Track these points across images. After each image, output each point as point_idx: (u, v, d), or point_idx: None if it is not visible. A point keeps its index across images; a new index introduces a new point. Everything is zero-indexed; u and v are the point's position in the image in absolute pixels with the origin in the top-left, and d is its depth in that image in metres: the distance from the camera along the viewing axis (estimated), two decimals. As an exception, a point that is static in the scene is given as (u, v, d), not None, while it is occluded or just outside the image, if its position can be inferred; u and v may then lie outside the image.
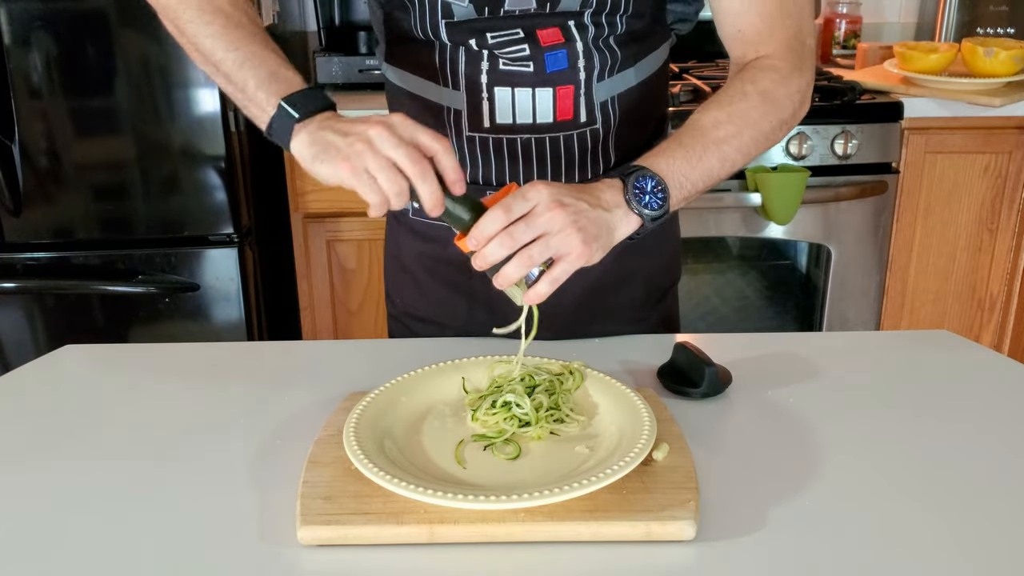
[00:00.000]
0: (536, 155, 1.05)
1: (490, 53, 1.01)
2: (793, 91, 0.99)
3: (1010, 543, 0.71)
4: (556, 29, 0.99)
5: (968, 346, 1.08)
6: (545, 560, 0.69)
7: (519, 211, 0.81)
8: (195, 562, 0.69)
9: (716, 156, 0.93)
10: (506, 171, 1.07)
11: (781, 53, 1.00)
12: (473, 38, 1.00)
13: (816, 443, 0.85)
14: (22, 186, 1.95)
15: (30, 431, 0.90)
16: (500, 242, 0.80)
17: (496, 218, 0.81)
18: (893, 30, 2.70)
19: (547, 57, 1.00)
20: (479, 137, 1.05)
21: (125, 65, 1.88)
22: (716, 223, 2.13)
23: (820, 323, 2.28)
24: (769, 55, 1.00)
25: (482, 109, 1.03)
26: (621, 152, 1.08)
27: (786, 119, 1.00)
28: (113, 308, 2.05)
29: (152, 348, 1.11)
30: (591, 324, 1.11)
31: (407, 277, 1.19)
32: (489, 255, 0.81)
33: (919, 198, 2.19)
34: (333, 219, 2.11)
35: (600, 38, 1.01)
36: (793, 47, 1.00)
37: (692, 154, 0.92)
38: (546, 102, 1.02)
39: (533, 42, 1.00)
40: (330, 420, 0.86)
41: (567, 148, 1.05)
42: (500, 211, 0.81)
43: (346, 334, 2.22)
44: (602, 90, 1.03)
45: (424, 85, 1.06)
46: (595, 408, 0.87)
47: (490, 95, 1.02)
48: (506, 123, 1.03)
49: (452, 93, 1.04)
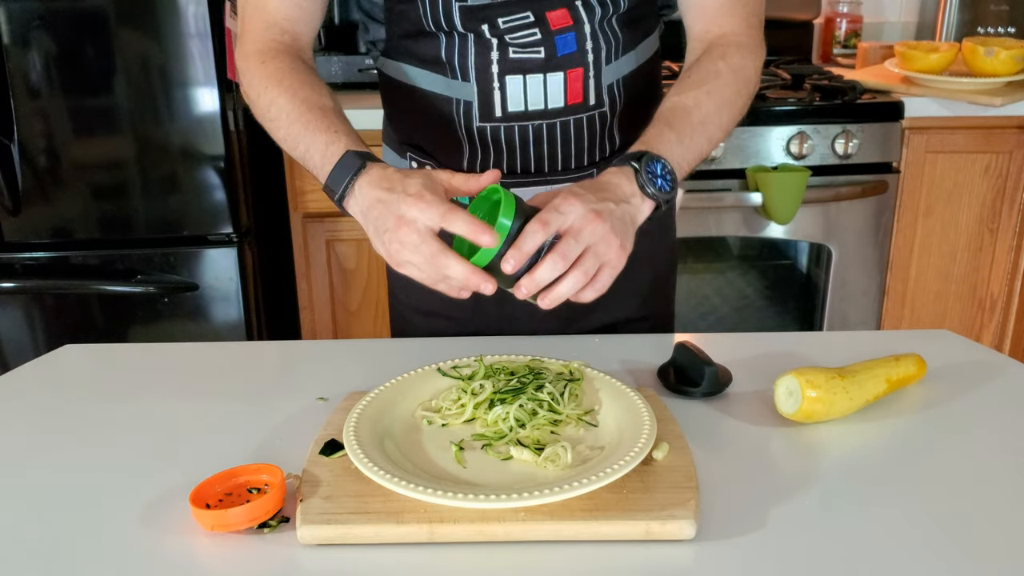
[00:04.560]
0: (547, 140, 1.06)
1: (500, 41, 1.01)
2: (759, 66, 1.04)
3: (1010, 543, 0.70)
4: (564, 11, 1.01)
5: (969, 346, 1.08)
6: (545, 559, 0.69)
7: (556, 226, 0.81)
8: (195, 561, 0.69)
9: (703, 137, 0.96)
10: (517, 158, 1.07)
11: (743, 29, 1.03)
12: (485, 24, 1.00)
13: (816, 443, 0.85)
14: (21, 186, 1.95)
15: (30, 431, 0.90)
16: (552, 264, 0.80)
17: (536, 233, 0.80)
18: (894, 29, 2.70)
19: (557, 40, 1.01)
20: (490, 127, 1.05)
21: (124, 65, 1.88)
22: (716, 223, 2.13)
23: (820, 323, 2.28)
24: (732, 32, 1.03)
25: (493, 99, 1.04)
26: (624, 135, 1.09)
27: (752, 93, 1.03)
28: (112, 308, 2.05)
29: (152, 348, 1.11)
30: (594, 312, 1.12)
31: None
32: (540, 278, 0.80)
33: (920, 198, 2.19)
34: (333, 219, 2.11)
35: (605, 19, 1.03)
36: (752, 23, 1.04)
37: (684, 136, 0.94)
38: (557, 87, 1.03)
39: (543, 25, 1.01)
40: (330, 420, 0.85)
41: (576, 132, 1.06)
42: (538, 227, 0.80)
43: (346, 334, 2.22)
44: (608, 73, 1.05)
45: (431, 79, 1.06)
46: (595, 408, 0.87)
47: (501, 84, 1.03)
48: (518, 111, 1.04)
49: (462, 85, 1.04)
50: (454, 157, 1.09)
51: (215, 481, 0.76)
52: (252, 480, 0.76)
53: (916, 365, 0.94)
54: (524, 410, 0.83)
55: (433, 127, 1.08)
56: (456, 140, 1.07)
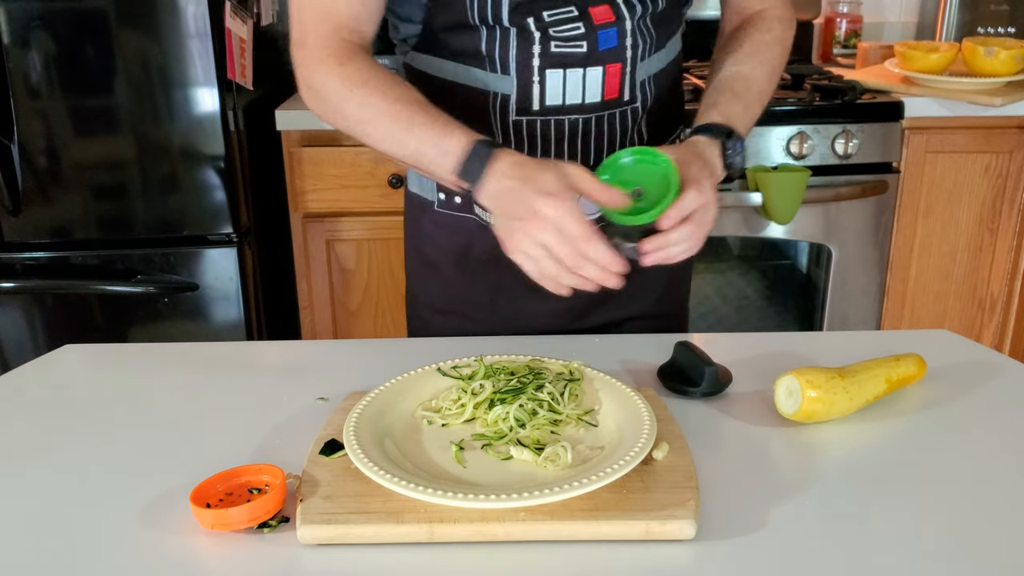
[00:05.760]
0: (581, 135, 1.07)
1: (543, 35, 1.02)
2: (793, 37, 1.14)
3: (1010, 542, 0.70)
4: (607, 7, 1.02)
5: (968, 346, 1.08)
6: (545, 559, 0.69)
7: (704, 198, 0.91)
8: (195, 561, 0.69)
9: (760, 106, 1.07)
10: (551, 152, 1.08)
11: (780, 3, 1.13)
12: (530, 17, 1.01)
13: (816, 443, 0.85)
14: (21, 186, 1.95)
15: (30, 431, 0.90)
16: (690, 234, 0.90)
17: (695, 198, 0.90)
18: (894, 29, 2.70)
19: (600, 35, 1.03)
20: (526, 120, 1.06)
21: (125, 65, 1.88)
22: (716, 223, 2.12)
23: (820, 323, 2.28)
24: (772, 6, 1.13)
25: (532, 92, 1.04)
26: (650, 131, 1.12)
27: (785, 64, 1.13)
28: (112, 308, 2.05)
29: (152, 348, 1.11)
30: (613, 309, 1.14)
31: (431, 270, 1.19)
32: (673, 240, 0.90)
33: (920, 198, 2.19)
34: (333, 219, 2.11)
35: (643, 17, 1.05)
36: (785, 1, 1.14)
37: (748, 108, 1.04)
38: (595, 81, 1.05)
39: (587, 20, 1.02)
40: (330, 420, 0.85)
41: (609, 127, 1.08)
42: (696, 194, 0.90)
43: (346, 334, 2.22)
44: (642, 69, 1.07)
45: (468, 72, 1.06)
46: (595, 408, 0.87)
47: (541, 78, 1.04)
48: (555, 104, 1.05)
49: (501, 78, 1.04)
50: None
51: (216, 480, 0.76)
52: (253, 480, 0.76)
53: (916, 365, 0.94)
54: (524, 410, 0.83)
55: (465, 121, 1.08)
56: (489, 134, 1.07)
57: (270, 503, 0.72)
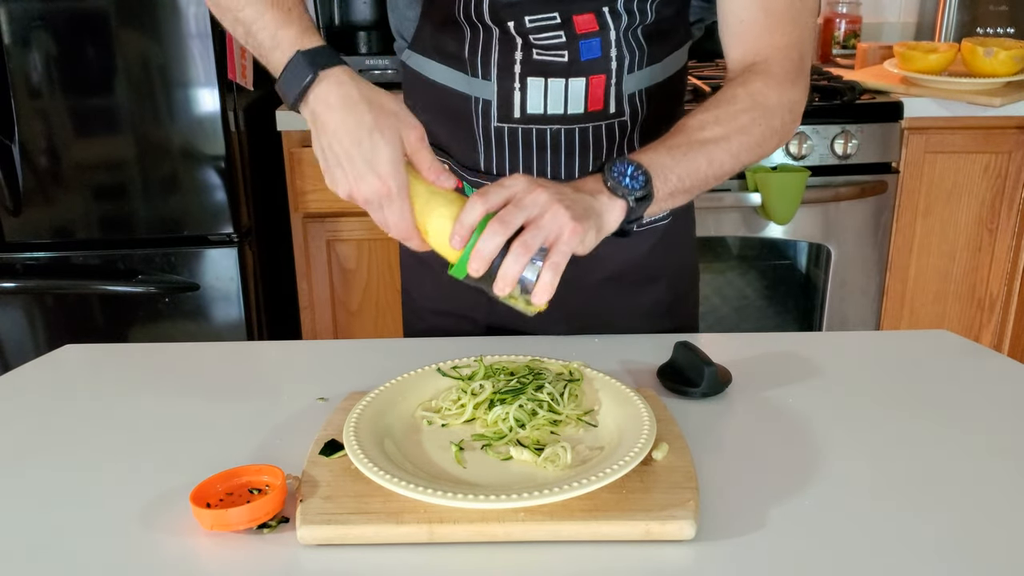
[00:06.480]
0: (564, 145, 1.06)
1: (524, 41, 1.01)
2: (785, 100, 0.98)
3: (1009, 542, 0.70)
4: (591, 15, 1.00)
5: (968, 346, 1.08)
6: (545, 560, 0.69)
7: (497, 199, 0.79)
8: (195, 561, 0.69)
9: (703, 155, 0.91)
10: (533, 162, 1.07)
11: (778, 60, 0.99)
12: (512, 20, 1.00)
13: (816, 443, 0.85)
14: (22, 186, 1.95)
15: (30, 431, 0.90)
16: (492, 231, 0.77)
17: (475, 207, 0.78)
18: (893, 30, 2.70)
19: (582, 45, 1.01)
20: (508, 128, 1.05)
21: (125, 65, 1.88)
22: (716, 223, 2.13)
23: (820, 323, 2.28)
24: (765, 61, 0.99)
25: (513, 99, 1.04)
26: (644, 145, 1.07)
27: (776, 128, 0.98)
28: (113, 308, 2.05)
29: (152, 348, 1.11)
30: (617, 323, 1.13)
31: (426, 270, 1.18)
32: (483, 249, 0.77)
33: (919, 198, 2.19)
34: (333, 219, 2.11)
35: (631, 28, 1.02)
36: (791, 56, 0.99)
37: (676, 151, 0.90)
38: (578, 92, 1.03)
39: (569, 28, 1.00)
40: (330, 420, 0.86)
41: (595, 139, 1.06)
42: (478, 200, 0.78)
43: (346, 334, 2.22)
44: (631, 82, 1.04)
45: (452, 75, 1.06)
46: (595, 408, 0.87)
47: (522, 85, 1.03)
48: (537, 113, 1.04)
49: (482, 83, 1.04)
50: (471, 156, 1.09)
51: (216, 480, 0.76)
52: (253, 481, 0.76)
53: None
54: (524, 410, 0.84)
55: (452, 124, 1.08)
56: (473, 139, 1.07)
57: (270, 503, 0.72)
